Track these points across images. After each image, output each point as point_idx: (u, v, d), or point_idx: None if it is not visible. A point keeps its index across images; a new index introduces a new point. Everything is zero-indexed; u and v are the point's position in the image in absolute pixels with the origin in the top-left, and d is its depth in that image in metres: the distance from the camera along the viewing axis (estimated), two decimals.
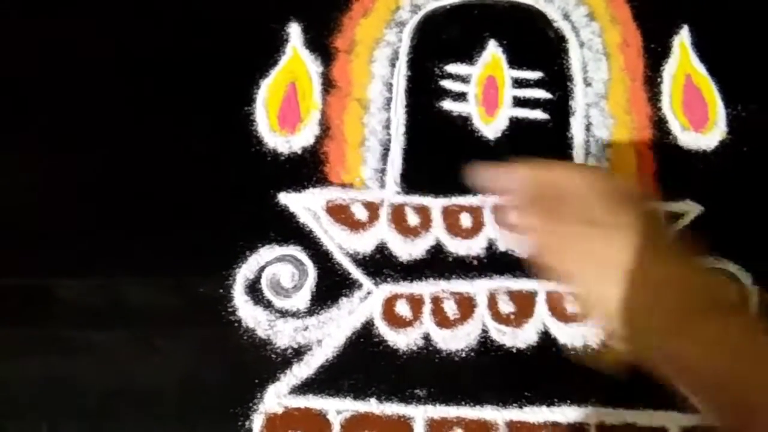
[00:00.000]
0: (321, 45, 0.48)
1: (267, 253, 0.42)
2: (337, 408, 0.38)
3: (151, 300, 0.41)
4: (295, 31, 0.49)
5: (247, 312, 0.40)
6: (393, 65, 0.48)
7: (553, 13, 0.49)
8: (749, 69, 0.47)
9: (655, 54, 0.48)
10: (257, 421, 0.38)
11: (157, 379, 0.39)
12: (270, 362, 0.39)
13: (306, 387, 0.39)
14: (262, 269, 0.41)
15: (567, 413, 0.38)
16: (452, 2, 0.49)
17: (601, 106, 0.46)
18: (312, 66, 0.48)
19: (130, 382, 0.39)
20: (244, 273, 0.41)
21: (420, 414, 0.38)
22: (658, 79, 0.47)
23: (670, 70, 0.47)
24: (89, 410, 0.39)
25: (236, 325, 0.40)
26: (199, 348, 0.40)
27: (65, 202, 0.44)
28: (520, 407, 0.38)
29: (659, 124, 0.46)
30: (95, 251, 0.43)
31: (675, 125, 0.46)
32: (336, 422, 0.38)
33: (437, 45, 0.48)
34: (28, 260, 0.42)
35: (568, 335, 0.40)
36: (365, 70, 0.48)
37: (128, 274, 0.42)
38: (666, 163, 0.44)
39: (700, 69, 0.47)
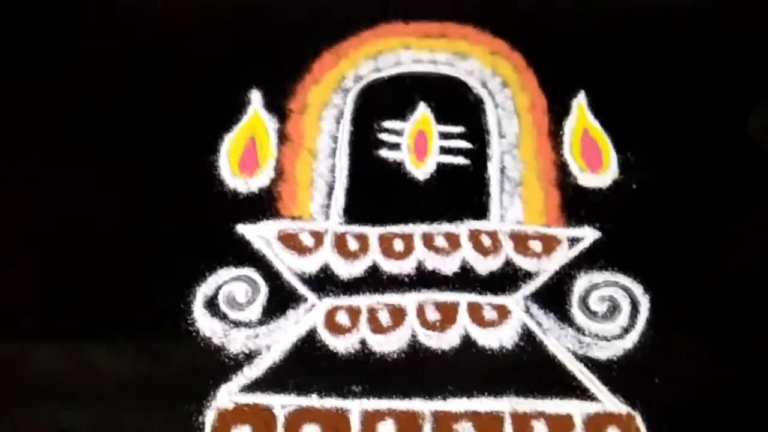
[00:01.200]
0: (278, 107, 0.57)
1: (225, 273, 0.48)
2: (282, 403, 0.43)
3: (117, 314, 0.47)
4: (255, 96, 0.57)
5: (204, 323, 0.46)
6: (338, 122, 0.56)
7: (473, 82, 0.59)
8: (635, 124, 0.56)
9: (558, 112, 0.57)
10: (210, 416, 0.42)
11: (120, 374, 0.43)
12: (223, 365, 0.44)
13: (255, 386, 0.43)
14: (219, 287, 0.47)
15: (485, 403, 0.43)
16: (389, 74, 0.59)
17: (513, 154, 0.55)
18: (269, 123, 0.56)
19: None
20: (203, 290, 0.47)
21: (356, 407, 0.43)
22: (561, 132, 0.56)
23: (570, 125, 0.57)
24: None
25: (194, 334, 0.45)
26: (159, 353, 0.44)
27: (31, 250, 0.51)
28: (444, 399, 0.43)
29: (562, 167, 0.54)
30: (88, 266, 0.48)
31: (575, 168, 0.54)
32: (281, 415, 0.42)
33: (376, 106, 0.57)
34: None
35: (486, 338, 0.46)
36: (315, 126, 0.56)
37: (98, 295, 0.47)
38: (568, 198, 0.52)
39: (595, 124, 0.57)
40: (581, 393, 0.44)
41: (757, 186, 0.53)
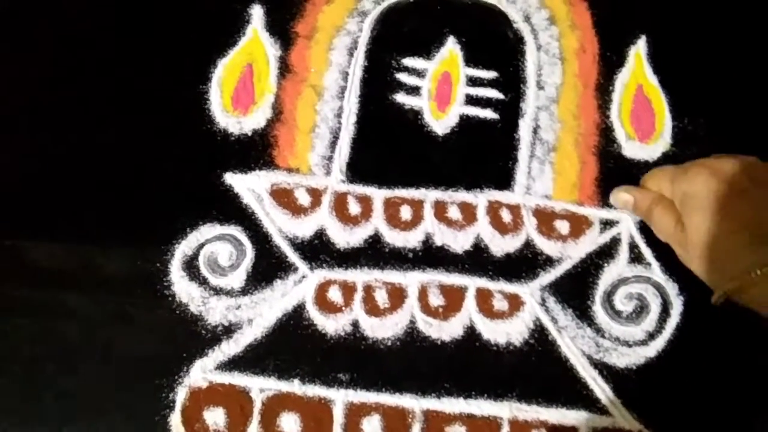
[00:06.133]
0: (282, 29, 0.49)
1: (207, 231, 0.43)
2: (261, 386, 0.39)
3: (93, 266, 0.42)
4: (257, 13, 0.49)
5: (181, 287, 0.41)
6: (351, 54, 0.48)
7: (514, 14, 0.50)
8: (701, 83, 0.47)
9: (610, 62, 0.48)
10: (181, 394, 0.38)
11: (81, 345, 0.40)
12: (199, 338, 0.40)
13: (232, 364, 0.39)
14: (201, 246, 0.42)
15: (482, 406, 0.39)
16: None
17: (550, 110, 0.47)
18: (270, 49, 0.48)
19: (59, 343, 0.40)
20: (182, 249, 0.42)
21: (341, 398, 0.39)
22: (610, 87, 0.48)
23: (623, 78, 0.48)
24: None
25: (170, 299, 0.41)
26: (128, 319, 0.40)
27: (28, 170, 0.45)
28: (438, 397, 0.39)
29: (605, 132, 0.46)
30: (59, 216, 0.43)
31: (621, 134, 0.46)
32: (258, 400, 0.39)
33: (397, 37, 0.49)
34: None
35: (493, 331, 0.41)
36: (323, 57, 0.48)
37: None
38: (608, 170, 0.45)
39: (653, 80, 0.48)
40: (591, 404, 0.39)
41: None
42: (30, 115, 0.46)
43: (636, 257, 0.43)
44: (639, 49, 0.49)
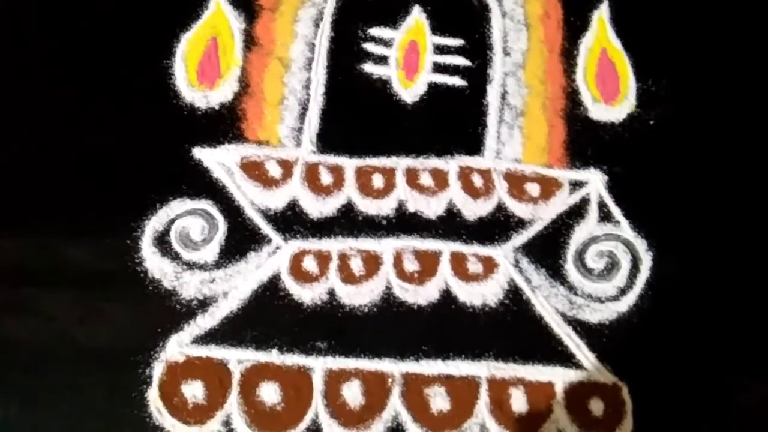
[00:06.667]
0: (245, 1, 0.48)
1: (178, 206, 0.42)
2: (239, 358, 0.39)
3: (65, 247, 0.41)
4: None
5: (153, 263, 0.41)
6: (317, 26, 0.48)
7: None
8: (663, 45, 0.48)
9: (574, 27, 0.49)
10: (158, 369, 0.38)
11: (56, 326, 0.39)
12: (174, 313, 0.39)
13: (209, 337, 0.39)
14: (171, 222, 0.42)
15: (461, 367, 0.39)
16: None
17: (517, 76, 0.47)
18: (235, 22, 0.47)
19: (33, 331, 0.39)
20: (153, 225, 0.41)
21: (319, 365, 0.39)
22: (575, 52, 0.48)
23: (587, 43, 0.49)
24: None
25: (142, 275, 0.40)
26: (101, 297, 0.40)
27: None
28: (417, 360, 0.39)
29: (572, 95, 0.47)
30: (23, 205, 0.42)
31: (587, 97, 0.47)
32: (236, 371, 0.39)
33: (362, 7, 0.48)
34: None
35: (468, 294, 0.41)
36: (289, 29, 0.48)
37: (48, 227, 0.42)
38: (575, 133, 0.46)
39: (616, 44, 0.49)
40: (566, 359, 0.40)
41: None
42: None
43: (605, 216, 0.44)
44: (602, 14, 0.49)
